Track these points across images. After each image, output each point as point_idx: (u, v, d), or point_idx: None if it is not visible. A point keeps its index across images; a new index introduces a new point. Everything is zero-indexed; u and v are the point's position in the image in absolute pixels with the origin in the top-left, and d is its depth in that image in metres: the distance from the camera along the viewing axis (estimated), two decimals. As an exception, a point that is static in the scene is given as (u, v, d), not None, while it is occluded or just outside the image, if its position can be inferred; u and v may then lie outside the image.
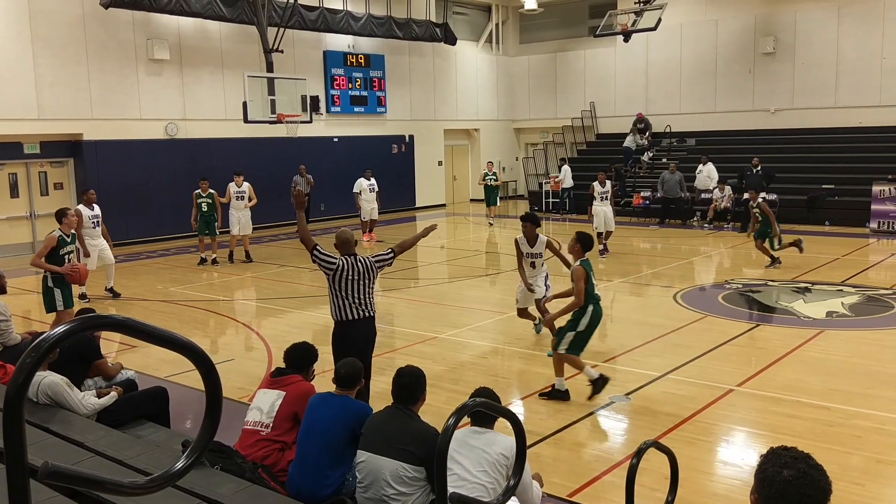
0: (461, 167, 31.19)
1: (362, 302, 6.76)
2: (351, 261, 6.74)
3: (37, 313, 12.63)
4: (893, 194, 19.59)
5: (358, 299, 6.74)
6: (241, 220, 16.83)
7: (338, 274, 6.69)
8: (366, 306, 6.79)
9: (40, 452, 4.30)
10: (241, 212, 16.84)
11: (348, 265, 6.70)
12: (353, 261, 6.75)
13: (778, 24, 24.87)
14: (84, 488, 3.25)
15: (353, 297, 6.72)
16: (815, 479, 2.10)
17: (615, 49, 27.89)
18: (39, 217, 19.26)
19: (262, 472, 4.80)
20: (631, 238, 20.40)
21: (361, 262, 6.77)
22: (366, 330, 6.87)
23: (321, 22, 22.96)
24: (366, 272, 6.77)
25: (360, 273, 6.73)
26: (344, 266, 6.69)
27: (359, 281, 6.72)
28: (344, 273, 6.68)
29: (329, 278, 6.77)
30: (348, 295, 6.72)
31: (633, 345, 9.65)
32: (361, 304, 6.76)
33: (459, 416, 3.08)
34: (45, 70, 18.32)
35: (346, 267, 6.69)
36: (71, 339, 1.74)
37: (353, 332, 6.78)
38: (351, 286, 6.71)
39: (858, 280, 13.53)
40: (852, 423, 6.90)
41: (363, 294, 6.76)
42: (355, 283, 6.71)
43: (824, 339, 9.77)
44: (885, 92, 23.02)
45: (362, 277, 6.73)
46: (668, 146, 26.58)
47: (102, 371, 6.67)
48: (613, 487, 5.65)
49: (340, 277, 6.69)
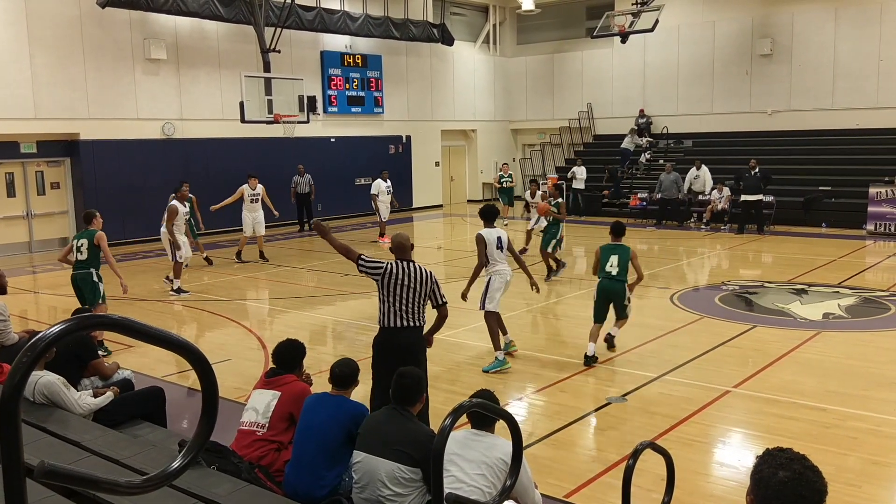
0: (458, 168, 31.19)
1: (410, 310, 6.31)
2: (403, 265, 6.36)
3: (33, 313, 12.63)
4: (890, 196, 19.63)
5: (405, 307, 6.30)
6: (256, 220, 16.89)
7: (386, 277, 6.29)
8: (413, 315, 6.33)
9: (37, 452, 4.29)
10: (255, 213, 16.89)
11: (399, 268, 6.32)
12: (406, 266, 6.36)
13: (775, 25, 24.90)
14: (80, 488, 3.25)
15: (401, 303, 6.29)
16: (811, 480, 2.11)
17: (612, 50, 27.91)
18: (36, 216, 19.25)
19: (258, 472, 4.80)
20: (627, 239, 20.37)
21: (416, 269, 6.37)
22: (408, 340, 6.34)
23: (318, 22, 22.95)
24: (419, 280, 6.32)
25: (413, 279, 6.30)
26: (394, 269, 6.31)
27: (409, 286, 6.28)
28: (393, 276, 6.29)
29: (378, 283, 6.37)
30: (396, 300, 6.29)
31: (630, 346, 9.66)
32: (408, 312, 6.31)
33: (456, 416, 3.08)
34: (41, 69, 18.30)
35: (397, 270, 6.31)
36: (67, 339, 1.74)
37: (395, 340, 6.32)
38: (400, 291, 6.28)
39: (855, 282, 13.55)
40: (848, 424, 6.91)
41: (412, 302, 6.31)
42: (405, 289, 6.28)
43: (821, 341, 9.78)
44: (882, 94, 23.06)
45: (414, 283, 6.30)
46: (666, 147, 26.60)
47: (99, 371, 6.67)
48: (610, 488, 5.65)
49: (389, 281, 6.29)
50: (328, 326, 11.50)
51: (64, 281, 15.38)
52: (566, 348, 9.63)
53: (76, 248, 10.18)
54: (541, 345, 10.03)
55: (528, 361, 9.27)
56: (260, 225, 16.96)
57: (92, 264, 10.09)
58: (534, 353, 9.53)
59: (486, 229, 9.09)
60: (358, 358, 6.65)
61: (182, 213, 14.06)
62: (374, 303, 11.66)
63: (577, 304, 12.54)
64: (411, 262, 6.42)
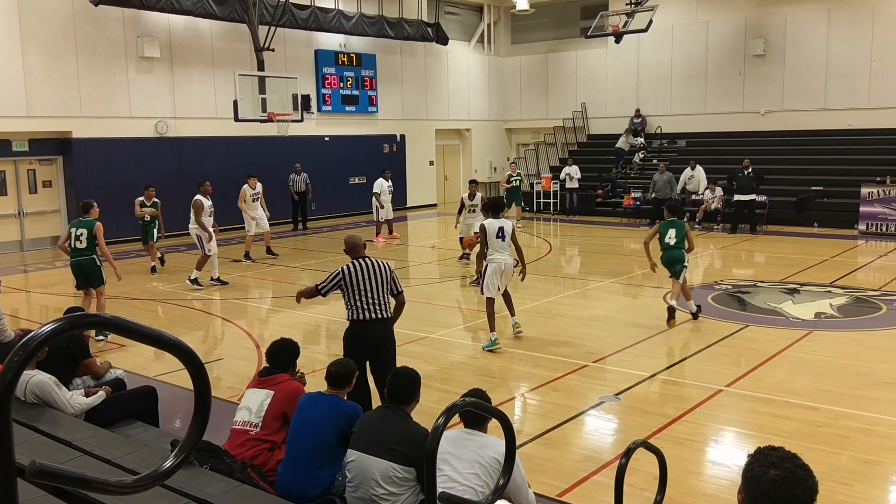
0: (453, 167, 31.18)
1: (376, 303, 6.61)
2: (359, 263, 6.68)
3: (25, 312, 12.60)
4: (882, 196, 19.70)
5: (371, 300, 6.60)
6: (259, 219, 16.96)
7: (347, 279, 6.61)
8: (378, 307, 6.63)
9: (28, 452, 4.28)
10: (256, 211, 16.94)
11: (357, 267, 6.65)
12: (362, 263, 6.68)
13: (768, 26, 24.96)
14: (72, 487, 3.24)
15: (366, 297, 6.60)
16: (802, 478, 2.11)
17: (606, 50, 27.92)
18: (27, 215, 19.19)
19: (251, 471, 4.80)
20: (621, 238, 20.46)
21: (373, 264, 6.71)
22: (378, 331, 6.65)
23: (312, 21, 22.92)
24: (378, 272, 6.67)
25: (372, 273, 6.64)
26: (352, 269, 6.64)
27: (371, 281, 6.62)
28: (353, 275, 6.61)
29: (342, 289, 6.69)
30: (361, 296, 6.60)
31: (623, 345, 9.67)
32: (375, 305, 6.61)
33: (449, 415, 3.08)
34: (34, 67, 18.24)
35: (355, 269, 6.64)
36: (58, 338, 1.73)
37: (365, 332, 6.61)
38: (363, 287, 6.60)
39: (847, 281, 13.59)
40: (840, 423, 6.93)
41: (376, 295, 6.62)
42: (367, 284, 6.61)
43: (813, 340, 9.81)
44: (874, 94, 23.13)
45: (374, 277, 6.63)
46: (659, 147, 26.64)
47: (91, 370, 6.65)
48: (602, 487, 5.66)
49: (351, 281, 6.60)
50: (322, 326, 11.48)
51: (56, 280, 15.38)
52: (559, 347, 9.64)
53: (75, 237, 10.55)
54: (534, 344, 10.03)
55: (522, 360, 9.27)
56: (262, 220, 17.06)
57: (92, 251, 10.54)
58: (527, 351, 9.53)
59: (490, 220, 9.73)
60: (351, 357, 6.66)
61: (207, 207, 14.17)
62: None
63: (569, 303, 12.56)
64: (366, 258, 6.74)
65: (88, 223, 10.61)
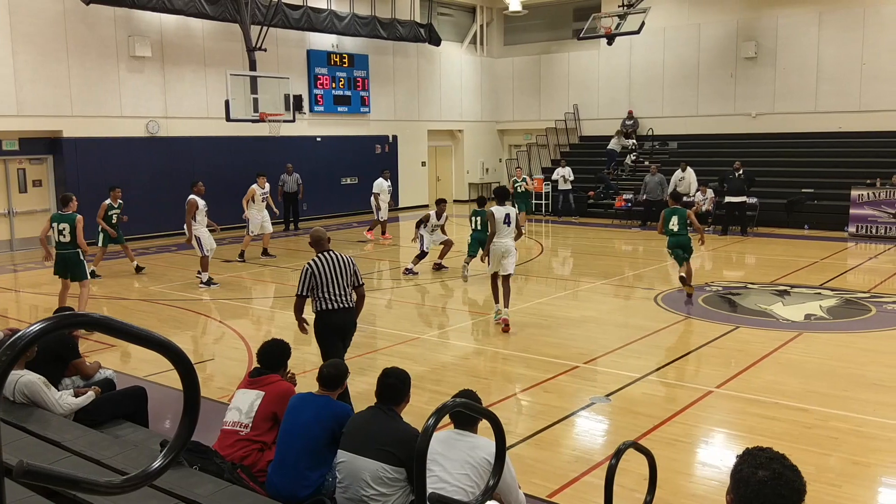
0: (445, 168, 31.19)
1: (340, 294, 7.05)
2: (325, 257, 7.08)
3: (14, 311, 12.54)
4: (872, 199, 19.79)
5: (335, 291, 7.03)
6: (264, 219, 17.03)
7: (317, 274, 7.00)
8: (342, 298, 7.07)
9: (16, 452, 4.26)
10: (263, 212, 17.01)
11: (322, 261, 7.05)
12: (327, 257, 7.08)
13: (760, 29, 25.05)
14: (60, 488, 3.23)
15: (330, 289, 7.03)
16: (790, 479, 2.12)
17: (599, 52, 27.98)
18: (17, 214, 19.10)
19: (240, 472, 4.78)
20: (613, 240, 20.49)
21: (338, 257, 7.10)
22: (343, 319, 7.16)
23: (305, 21, 22.90)
24: (343, 266, 7.08)
25: (337, 266, 7.05)
26: (318, 264, 7.04)
27: (336, 273, 7.03)
28: (320, 269, 7.01)
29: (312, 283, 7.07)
30: (326, 288, 7.02)
31: (614, 346, 9.69)
32: (338, 296, 7.04)
33: (439, 416, 3.08)
34: (24, 66, 18.16)
35: (322, 263, 7.04)
36: (47, 337, 1.73)
37: (331, 320, 7.09)
38: (328, 279, 7.02)
39: (837, 283, 13.65)
40: (830, 424, 6.96)
41: (340, 286, 7.05)
42: (332, 276, 7.03)
43: (803, 342, 9.84)
44: (865, 97, 23.23)
45: (339, 270, 7.05)
46: (651, 149, 26.70)
47: (80, 370, 6.62)
48: (593, 488, 5.66)
49: (319, 274, 7.00)
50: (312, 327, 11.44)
51: (45, 279, 15.30)
52: (550, 348, 9.64)
53: (58, 231, 10.85)
54: (525, 345, 10.04)
55: (513, 361, 9.28)
56: (267, 223, 17.12)
57: (76, 245, 10.83)
58: (518, 353, 9.54)
59: (497, 207, 10.61)
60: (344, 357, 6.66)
61: (202, 207, 14.12)
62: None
63: (560, 304, 12.57)
64: (330, 251, 7.16)
65: (70, 217, 10.86)
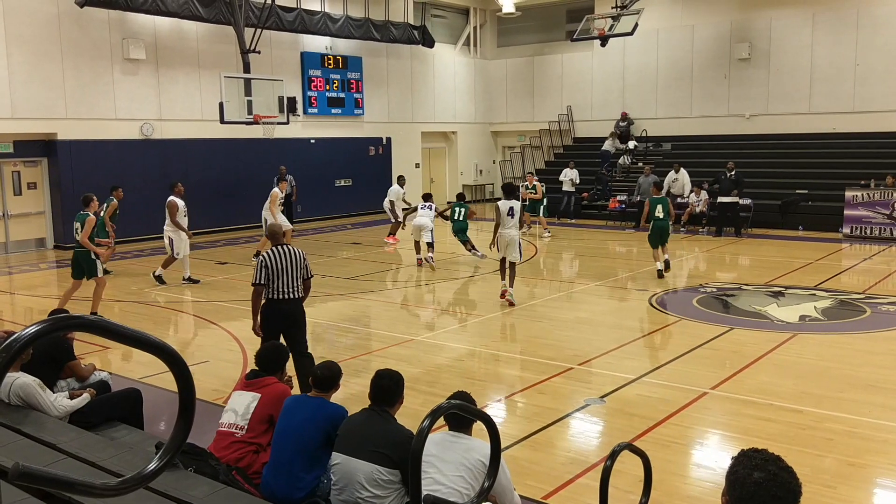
0: (438, 170, 31.20)
1: (290, 285, 7.48)
2: (279, 250, 7.50)
3: (9, 314, 12.51)
4: (866, 200, 19.84)
5: (286, 282, 7.46)
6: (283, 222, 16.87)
7: (269, 265, 7.41)
8: (292, 289, 7.50)
9: (11, 454, 4.25)
10: (279, 215, 16.85)
11: (276, 253, 7.47)
12: (282, 250, 7.51)
13: (753, 30, 25.11)
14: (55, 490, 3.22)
15: (282, 280, 7.44)
16: (786, 481, 2.12)
17: (592, 53, 28.02)
18: (12, 217, 19.05)
19: (236, 474, 4.78)
20: (607, 241, 20.52)
21: (290, 251, 7.56)
22: (291, 309, 7.55)
23: (298, 23, 22.89)
24: (293, 259, 7.50)
25: (289, 259, 7.48)
26: (273, 256, 7.45)
27: (288, 266, 7.46)
28: (273, 261, 7.42)
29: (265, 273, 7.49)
30: (278, 279, 7.43)
31: (609, 348, 9.70)
32: (290, 287, 7.47)
33: (434, 418, 3.08)
34: (18, 68, 18.12)
35: (276, 255, 7.45)
36: (42, 340, 1.73)
37: (279, 308, 7.50)
38: (280, 270, 7.43)
39: (831, 284, 13.68)
40: (824, 425, 6.97)
41: (291, 278, 7.48)
42: (284, 268, 7.45)
43: (797, 343, 9.86)
44: (858, 98, 23.30)
45: (291, 263, 7.48)
46: (645, 150, 26.75)
47: (75, 372, 6.61)
48: (588, 490, 5.67)
49: (271, 266, 7.41)
50: (309, 329, 11.44)
51: (39, 282, 15.29)
52: (545, 350, 9.65)
53: (74, 229, 11.56)
54: (520, 346, 10.04)
55: (507, 363, 9.28)
56: (286, 224, 17.11)
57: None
58: (513, 354, 9.55)
59: (503, 201, 12.09)
60: (338, 360, 6.65)
61: (182, 207, 14.36)
62: (355, 304, 11.65)
63: (556, 305, 12.58)
64: (285, 245, 7.60)
65: (82, 217, 11.48)
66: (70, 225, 18.90)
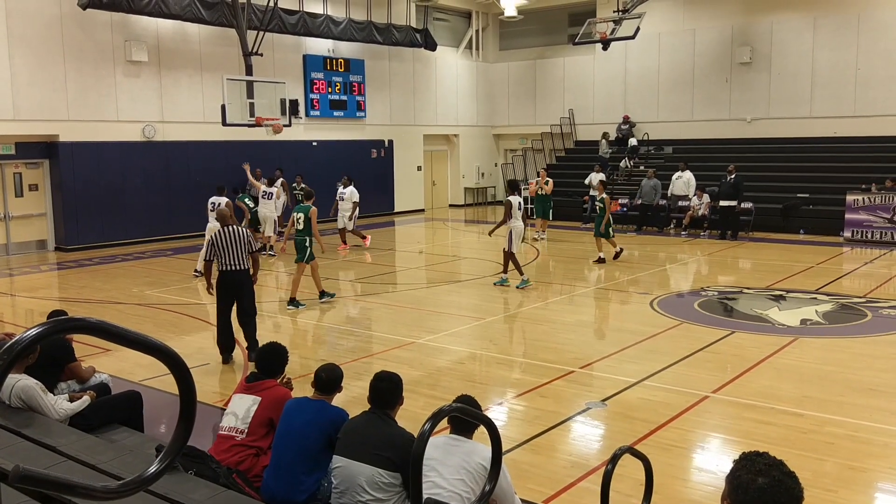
0: (440, 172, 31.22)
1: (237, 258, 9.19)
2: (225, 230, 9.18)
3: (10, 316, 12.51)
4: (867, 204, 19.83)
5: (234, 257, 9.17)
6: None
7: (216, 243, 9.15)
8: (239, 262, 9.20)
9: (12, 456, 4.25)
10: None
11: (223, 233, 9.16)
12: (227, 230, 9.19)
13: (754, 34, 25.12)
14: (56, 493, 3.22)
15: (230, 255, 9.16)
16: (790, 486, 2.12)
17: (594, 57, 28.03)
18: (13, 219, 19.06)
19: (236, 477, 4.77)
20: (608, 244, 20.46)
21: (234, 230, 9.22)
22: (238, 278, 9.27)
23: (301, 26, 22.92)
24: (238, 238, 9.17)
25: (233, 238, 9.15)
26: (220, 235, 9.16)
27: (232, 243, 9.14)
28: (220, 240, 9.14)
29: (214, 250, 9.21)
30: (226, 254, 9.15)
31: (610, 351, 9.69)
32: (235, 260, 9.17)
33: (435, 420, 3.08)
34: (21, 70, 18.14)
35: (222, 235, 9.15)
36: (42, 342, 1.72)
37: (229, 279, 9.25)
38: (227, 247, 9.14)
39: (832, 288, 13.67)
40: (825, 429, 6.96)
41: (237, 253, 9.18)
42: (230, 245, 9.14)
43: (798, 347, 9.85)
44: (860, 102, 23.31)
45: (235, 241, 9.14)
46: (646, 154, 26.74)
47: (76, 374, 6.61)
48: (589, 493, 5.66)
49: (219, 244, 9.14)
50: (308, 331, 11.46)
51: (40, 284, 15.29)
52: (547, 353, 9.64)
53: (297, 220, 13.00)
54: (520, 349, 10.03)
55: (508, 366, 9.28)
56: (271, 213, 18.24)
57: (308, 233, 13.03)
58: (514, 357, 9.54)
59: (514, 196, 13.64)
60: (340, 362, 6.65)
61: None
62: (356, 307, 11.65)
63: (556, 308, 12.57)
64: (231, 226, 9.27)
65: (305, 208, 13.21)
66: (71, 226, 19.04)
